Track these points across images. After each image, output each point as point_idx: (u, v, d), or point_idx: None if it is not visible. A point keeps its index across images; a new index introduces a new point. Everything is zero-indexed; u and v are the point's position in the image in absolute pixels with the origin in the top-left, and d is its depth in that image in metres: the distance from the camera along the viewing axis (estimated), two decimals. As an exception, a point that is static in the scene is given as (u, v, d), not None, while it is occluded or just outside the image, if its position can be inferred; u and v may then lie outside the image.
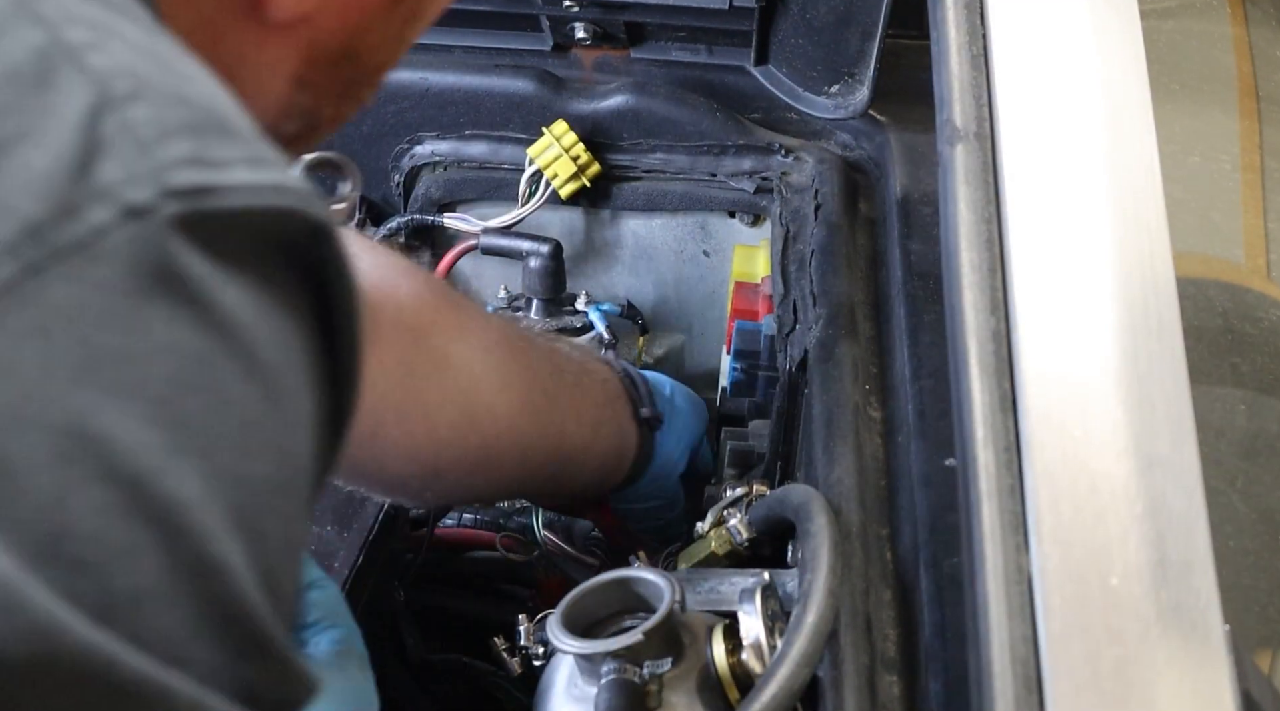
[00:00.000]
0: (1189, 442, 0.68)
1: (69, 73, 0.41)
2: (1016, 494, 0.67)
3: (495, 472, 1.00)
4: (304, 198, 0.44)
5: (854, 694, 0.75)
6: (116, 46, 0.42)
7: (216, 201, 0.41)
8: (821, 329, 1.03)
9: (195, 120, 0.42)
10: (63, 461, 0.37)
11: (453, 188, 1.37)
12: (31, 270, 0.38)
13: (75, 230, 0.38)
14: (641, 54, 1.35)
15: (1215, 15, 1.28)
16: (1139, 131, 0.81)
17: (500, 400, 0.97)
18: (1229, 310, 1.02)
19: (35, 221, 0.38)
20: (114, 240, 0.39)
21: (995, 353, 0.72)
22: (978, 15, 0.87)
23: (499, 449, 0.98)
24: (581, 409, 1.05)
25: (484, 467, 0.99)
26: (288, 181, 0.43)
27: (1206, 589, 0.63)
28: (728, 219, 1.39)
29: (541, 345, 1.07)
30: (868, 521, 0.86)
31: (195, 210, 0.40)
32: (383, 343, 0.90)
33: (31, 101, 0.40)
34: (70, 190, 0.39)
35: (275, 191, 0.42)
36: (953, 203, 0.78)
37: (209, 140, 0.42)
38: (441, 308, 0.98)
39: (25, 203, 0.38)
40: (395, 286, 0.95)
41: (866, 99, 1.24)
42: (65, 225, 0.38)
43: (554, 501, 1.14)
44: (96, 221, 0.39)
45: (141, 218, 0.39)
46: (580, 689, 0.81)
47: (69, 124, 0.40)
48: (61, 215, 0.38)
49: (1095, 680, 0.61)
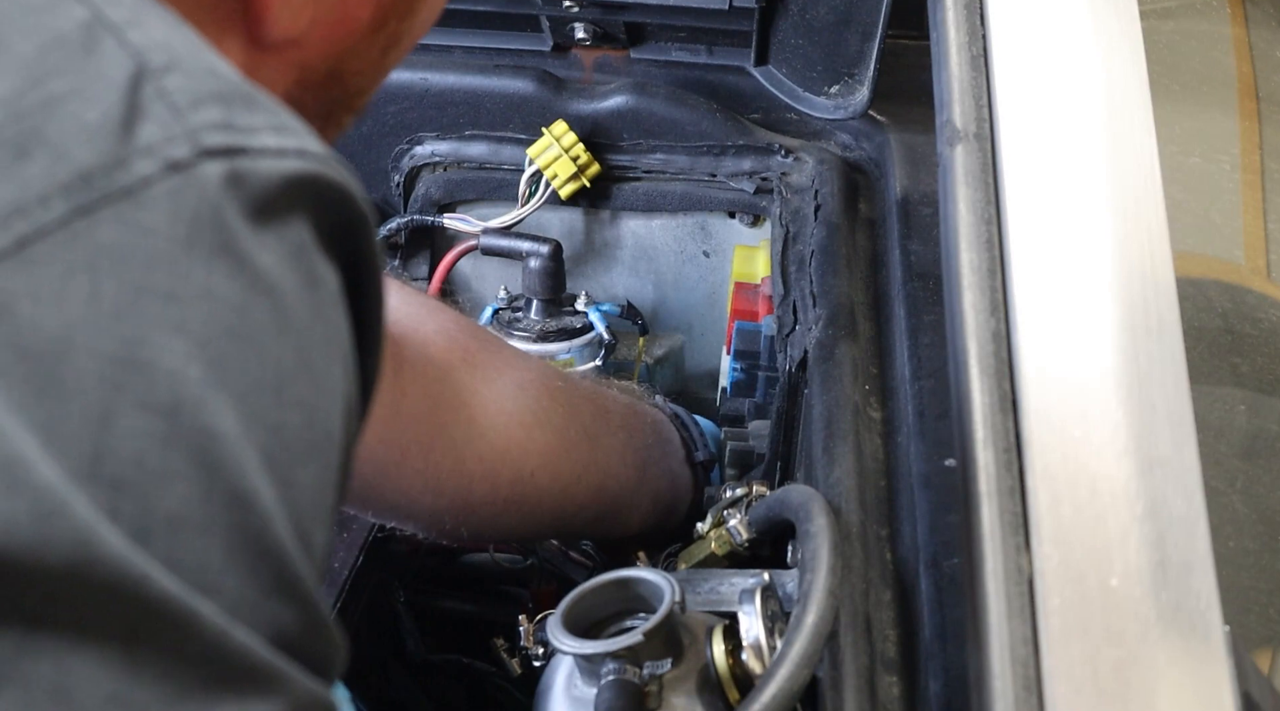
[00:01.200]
0: (1189, 443, 0.68)
1: (111, 44, 0.44)
2: (1016, 494, 0.67)
3: (531, 510, 0.99)
4: (326, 162, 0.47)
5: (854, 694, 0.75)
6: (152, 26, 0.46)
7: (247, 161, 0.44)
8: (821, 329, 1.03)
9: (224, 90, 0.45)
10: (108, 385, 0.40)
11: (453, 188, 1.38)
12: (83, 211, 0.41)
13: (124, 178, 0.42)
14: (641, 54, 1.35)
15: (1215, 15, 1.28)
16: (1139, 131, 0.81)
17: (534, 437, 0.97)
18: (1229, 310, 1.02)
19: (87, 167, 0.41)
20: (159, 190, 0.42)
21: (995, 353, 0.72)
22: (978, 15, 0.87)
23: (534, 486, 0.97)
24: (627, 450, 1.04)
25: (518, 505, 0.98)
26: (310, 146, 0.46)
27: (1206, 589, 0.63)
28: (728, 219, 1.39)
29: (584, 386, 1.07)
30: (868, 521, 0.85)
31: (230, 169, 0.43)
32: (407, 376, 0.90)
33: (79, 65, 0.43)
34: (117, 144, 0.42)
35: (299, 154, 0.45)
36: (953, 203, 0.78)
37: (236, 108, 0.45)
38: (469, 345, 0.98)
39: (78, 150, 0.41)
40: (421, 322, 0.96)
41: (866, 99, 1.25)
42: (115, 173, 0.41)
43: (604, 543, 1.14)
44: (143, 172, 0.42)
45: (183, 171, 0.42)
46: (580, 689, 0.81)
47: (114, 87, 0.43)
48: (112, 164, 0.42)
49: (1095, 680, 0.61)
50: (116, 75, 0.43)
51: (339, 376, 0.48)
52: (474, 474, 0.94)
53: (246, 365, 0.43)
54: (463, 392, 0.94)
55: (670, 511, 1.09)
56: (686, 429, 1.11)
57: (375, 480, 0.92)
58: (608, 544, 1.13)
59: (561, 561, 1.14)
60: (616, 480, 1.03)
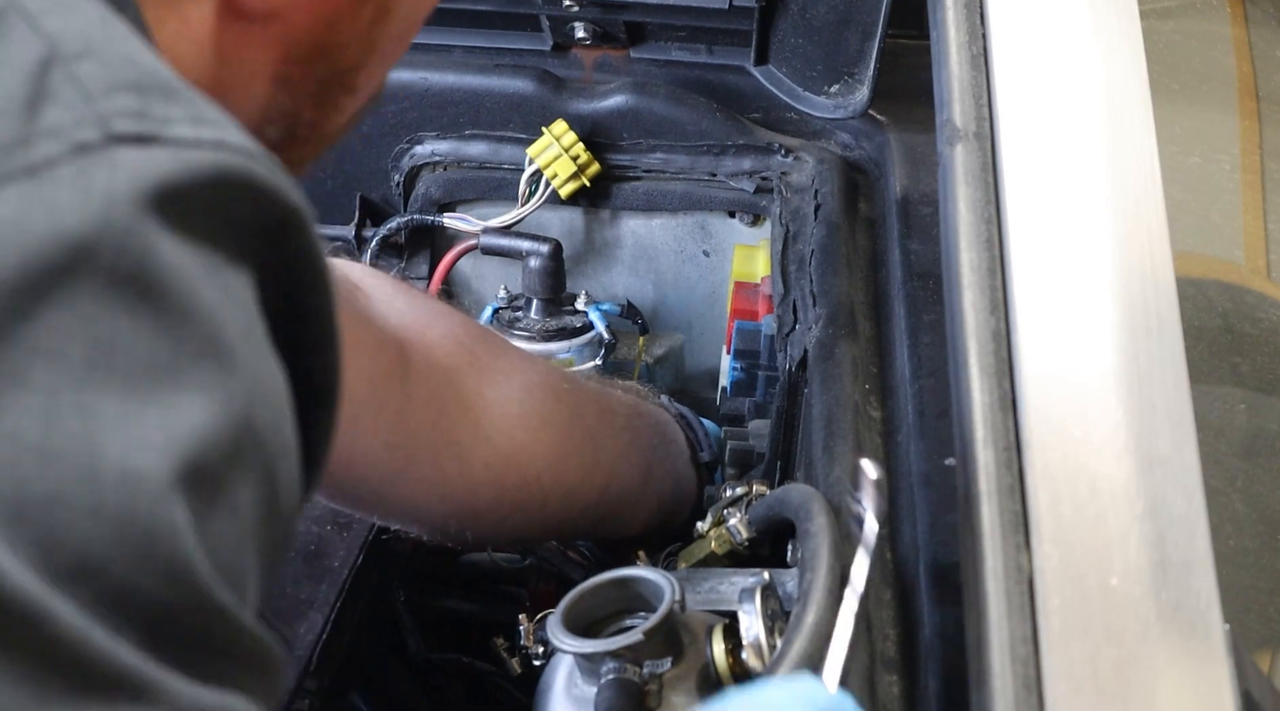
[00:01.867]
0: (1189, 443, 0.68)
1: (23, 29, 0.43)
2: (1016, 494, 0.67)
3: (536, 513, 0.99)
4: (248, 154, 0.44)
5: (854, 693, 0.75)
6: (71, 15, 0.44)
7: (159, 150, 0.42)
8: (821, 329, 1.03)
9: (141, 80, 0.44)
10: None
11: (453, 187, 1.38)
12: None
13: (27, 157, 0.40)
14: (641, 54, 1.35)
15: (1215, 15, 1.28)
16: (1139, 131, 0.81)
17: (540, 440, 0.97)
18: (1229, 310, 1.02)
19: None
20: (63, 171, 0.40)
21: (995, 352, 0.72)
22: (978, 15, 0.87)
23: (540, 490, 0.97)
24: (631, 452, 1.04)
25: (524, 508, 0.98)
26: (231, 138, 0.44)
27: (1206, 589, 0.63)
28: (728, 219, 1.39)
29: (589, 388, 1.06)
30: (868, 521, 0.85)
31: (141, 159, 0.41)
32: (414, 382, 0.90)
33: None
34: (20, 127, 0.41)
35: (216, 146, 0.44)
36: (953, 203, 0.78)
37: (153, 98, 0.43)
38: (476, 349, 0.97)
39: None
40: (427, 326, 0.95)
41: (866, 99, 1.25)
42: (16, 153, 0.40)
43: (608, 543, 1.13)
44: (47, 152, 0.40)
45: (88, 153, 0.41)
46: (580, 688, 0.81)
47: (19, 71, 0.42)
48: (15, 145, 0.40)
49: (1095, 680, 0.61)
50: (23, 60, 0.42)
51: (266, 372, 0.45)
52: (480, 479, 0.94)
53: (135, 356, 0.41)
54: (469, 397, 0.94)
55: (675, 511, 1.09)
56: (692, 429, 1.11)
57: (382, 486, 0.91)
58: (611, 544, 1.13)
59: (560, 560, 1.14)
60: (621, 481, 1.03)
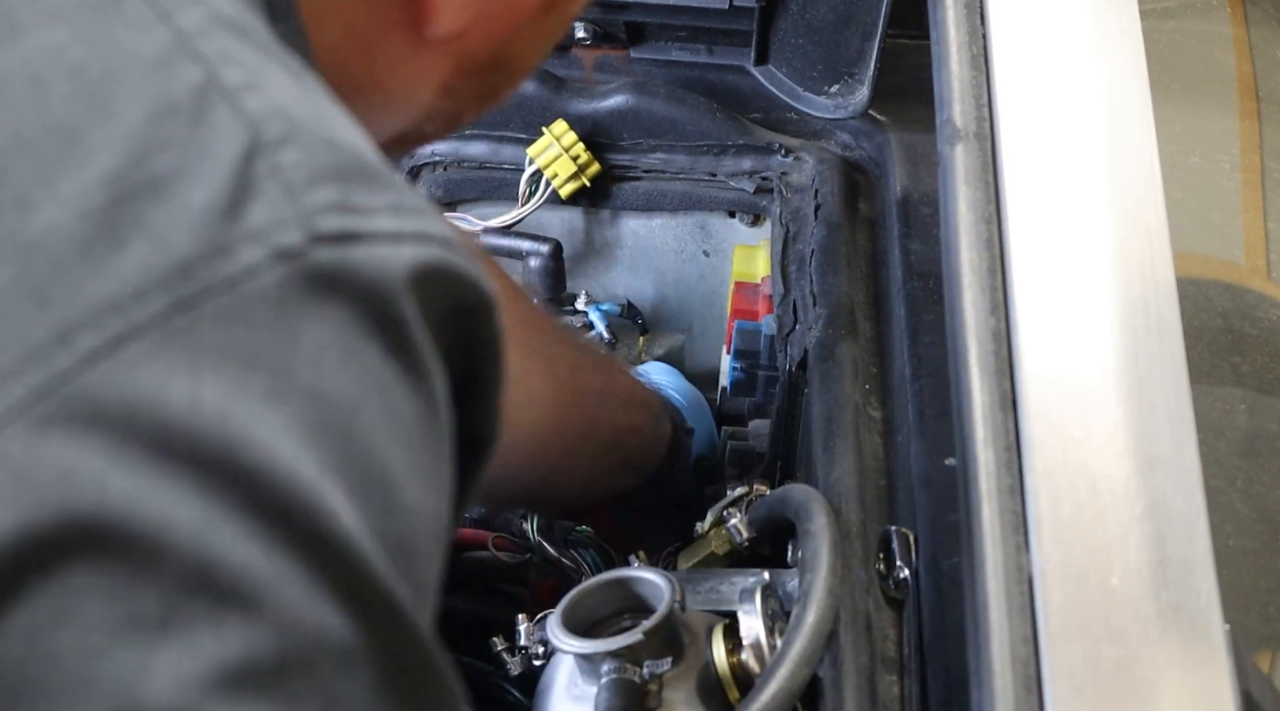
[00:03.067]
0: (1189, 443, 0.68)
1: (225, 112, 0.41)
2: (1016, 494, 0.67)
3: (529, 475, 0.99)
4: (446, 245, 0.43)
5: (854, 693, 0.75)
6: (270, 89, 0.43)
7: (362, 249, 0.41)
8: (821, 329, 1.03)
9: (342, 166, 0.42)
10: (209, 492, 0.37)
11: (453, 187, 1.37)
12: (182, 305, 0.38)
13: (227, 269, 0.39)
14: (641, 54, 1.35)
15: (1215, 15, 1.28)
16: (1139, 131, 0.81)
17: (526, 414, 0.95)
18: (1229, 310, 1.02)
19: (188, 258, 0.38)
20: (265, 280, 0.39)
21: (995, 352, 0.72)
22: (978, 15, 0.87)
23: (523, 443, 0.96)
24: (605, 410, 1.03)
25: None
26: (431, 228, 0.43)
27: (1206, 589, 0.63)
28: (728, 219, 1.39)
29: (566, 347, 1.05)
30: (868, 520, 0.85)
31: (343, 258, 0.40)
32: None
33: (187, 138, 0.40)
34: (222, 230, 0.39)
35: (418, 239, 0.42)
36: (953, 203, 0.78)
37: (354, 186, 0.42)
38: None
39: (179, 239, 0.39)
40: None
41: (866, 99, 1.24)
42: (217, 262, 0.39)
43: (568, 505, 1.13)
44: (248, 261, 0.39)
45: (292, 260, 0.39)
46: (580, 688, 0.81)
47: (224, 164, 0.40)
48: (215, 254, 0.39)
49: (1095, 680, 0.61)
50: (227, 150, 0.40)
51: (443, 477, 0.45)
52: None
53: (355, 467, 0.40)
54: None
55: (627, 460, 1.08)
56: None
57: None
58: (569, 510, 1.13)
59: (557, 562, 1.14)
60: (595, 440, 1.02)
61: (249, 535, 0.38)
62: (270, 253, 0.39)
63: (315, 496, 0.39)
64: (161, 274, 0.38)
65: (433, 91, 0.60)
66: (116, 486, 0.36)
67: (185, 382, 0.37)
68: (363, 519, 0.40)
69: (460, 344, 0.46)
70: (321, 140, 0.42)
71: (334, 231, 0.40)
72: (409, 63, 0.57)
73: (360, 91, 0.57)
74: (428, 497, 0.43)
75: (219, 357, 0.38)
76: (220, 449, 0.37)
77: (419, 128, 0.63)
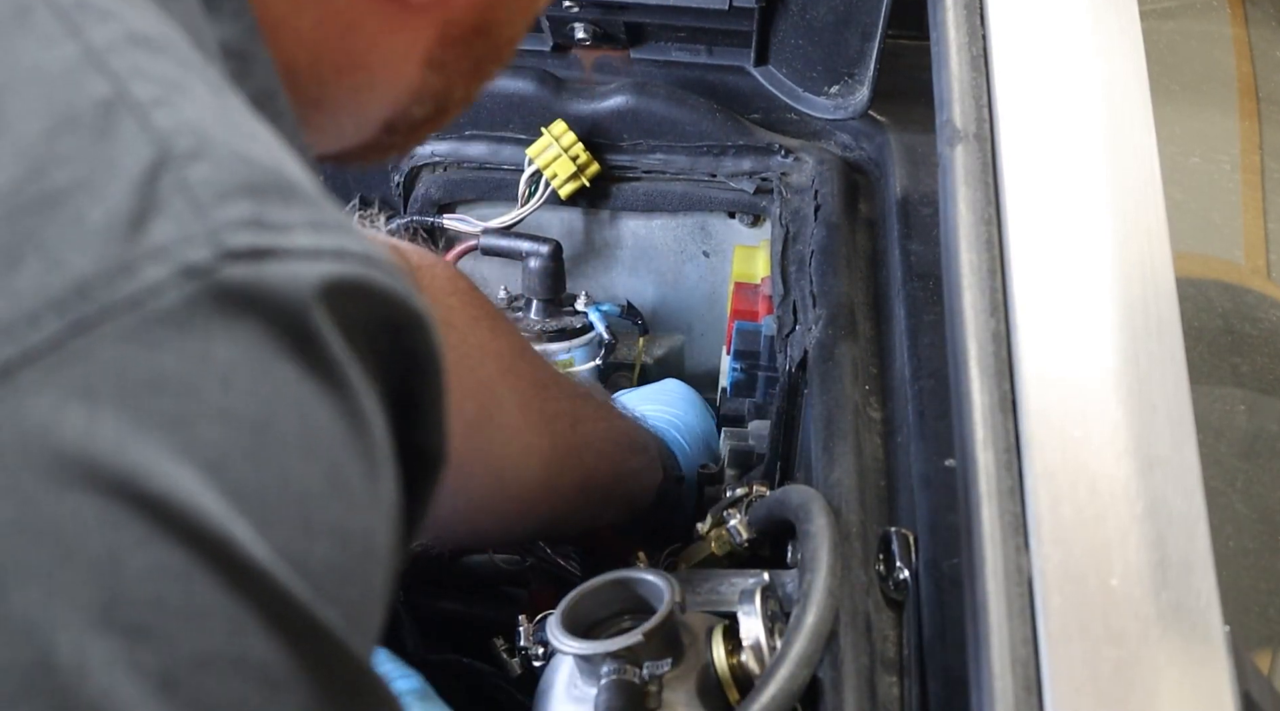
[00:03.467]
0: (1189, 443, 0.68)
1: (132, 127, 0.39)
2: (1016, 495, 0.67)
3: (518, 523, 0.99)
4: (368, 262, 0.41)
5: (853, 694, 0.75)
6: (184, 104, 0.40)
7: (275, 265, 0.39)
8: (821, 329, 1.03)
9: (257, 181, 0.40)
10: (113, 522, 0.35)
11: (452, 188, 1.37)
12: (78, 328, 0.36)
13: (128, 287, 0.37)
14: (641, 54, 1.35)
15: (1215, 15, 1.28)
16: (1139, 132, 0.81)
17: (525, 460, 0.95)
18: (1229, 310, 1.02)
19: (85, 277, 0.36)
20: (170, 299, 0.37)
21: (995, 354, 0.71)
22: (978, 15, 0.87)
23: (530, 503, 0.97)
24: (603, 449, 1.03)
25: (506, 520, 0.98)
26: (350, 246, 0.41)
27: (1206, 589, 0.63)
28: (728, 219, 1.39)
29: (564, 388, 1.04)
30: (868, 521, 0.85)
31: (255, 275, 0.38)
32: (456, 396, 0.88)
33: (89, 152, 0.38)
34: (124, 248, 0.37)
35: (336, 256, 0.40)
36: (953, 203, 0.78)
37: (269, 202, 0.40)
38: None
39: (75, 258, 0.36)
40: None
41: (866, 99, 1.24)
42: (118, 282, 0.37)
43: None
44: (151, 279, 0.37)
45: (200, 277, 0.37)
46: (580, 689, 0.81)
47: (126, 179, 0.38)
48: (115, 272, 0.37)
49: (1095, 681, 0.61)
50: (131, 165, 0.38)
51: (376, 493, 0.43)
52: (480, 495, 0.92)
53: (267, 490, 0.38)
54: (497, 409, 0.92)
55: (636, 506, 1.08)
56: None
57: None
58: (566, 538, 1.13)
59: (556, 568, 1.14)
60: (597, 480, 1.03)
61: (159, 567, 0.36)
62: (175, 270, 0.37)
63: (224, 524, 0.37)
64: (55, 294, 0.36)
65: (417, 66, 0.58)
66: (6, 518, 0.35)
67: (80, 410, 0.35)
68: (278, 543, 0.38)
69: (393, 360, 0.44)
70: (235, 155, 0.40)
71: (245, 247, 0.38)
72: (391, 36, 0.55)
73: (342, 73, 0.56)
74: (354, 516, 0.41)
75: (118, 382, 0.36)
76: (120, 479, 0.36)
77: (408, 112, 0.61)
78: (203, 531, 0.37)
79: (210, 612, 0.37)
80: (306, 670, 0.39)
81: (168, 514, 0.36)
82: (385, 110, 0.62)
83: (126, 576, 0.35)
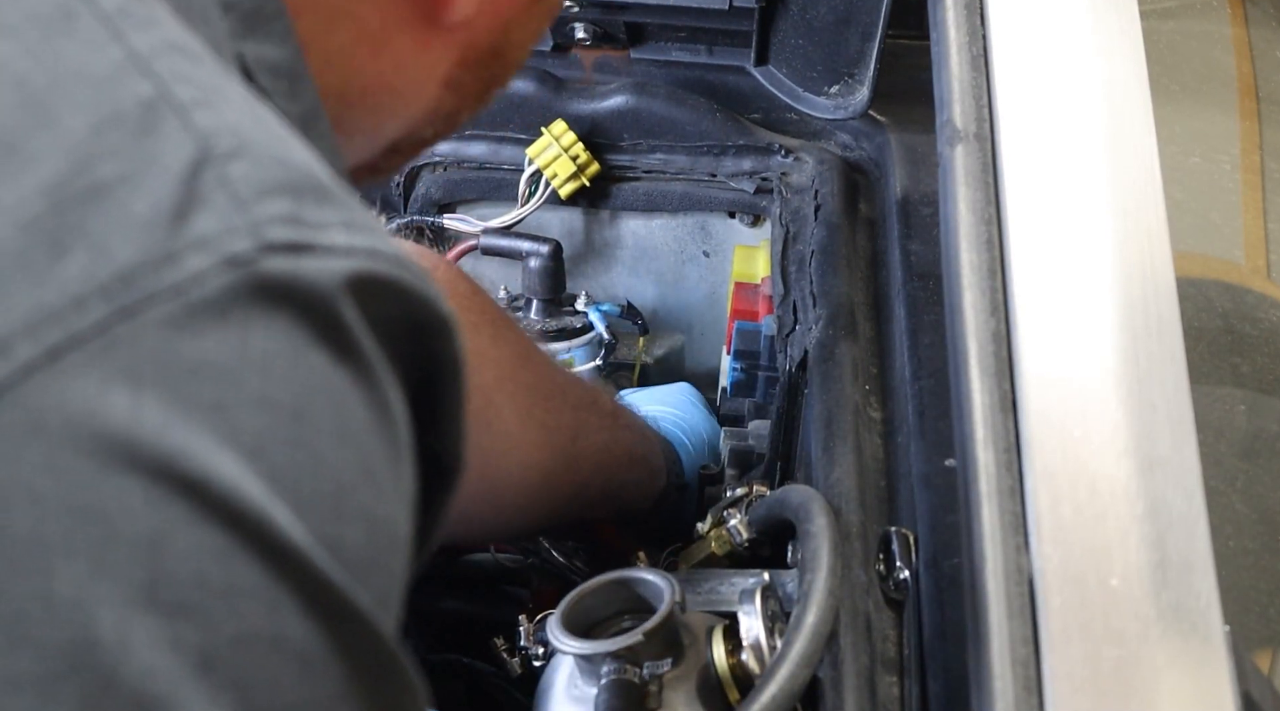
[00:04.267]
0: (1189, 443, 0.68)
1: (174, 125, 0.40)
2: (1016, 495, 0.67)
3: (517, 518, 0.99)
4: (398, 263, 0.43)
5: (853, 694, 0.75)
6: (223, 107, 0.42)
7: (313, 260, 0.40)
8: (821, 329, 1.03)
9: (293, 181, 0.41)
10: (156, 503, 0.36)
11: (452, 188, 1.37)
12: (125, 314, 0.37)
13: (172, 276, 0.38)
14: (641, 54, 1.35)
15: (1215, 15, 1.28)
16: (1139, 132, 0.81)
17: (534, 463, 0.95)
18: (1229, 310, 1.02)
19: (130, 266, 0.37)
20: (212, 287, 0.38)
21: (995, 353, 0.72)
22: (978, 15, 0.87)
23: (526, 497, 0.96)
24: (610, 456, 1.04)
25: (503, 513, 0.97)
26: (382, 246, 0.42)
27: (1206, 589, 0.63)
28: (728, 219, 1.39)
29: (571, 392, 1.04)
30: (868, 521, 0.85)
31: (293, 268, 0.39)
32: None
33: (133, 148, 0.39)
34: (168, 238, 0.38)
35: (369, 254, 0.42)
36: (953, 203, 0.78)
37: (306, 201, 0.41)
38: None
39: (121, 247, 0.38)
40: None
41: (866, 99, 1.25)
42: (163, 271, 0.38)
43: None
44: (195, 268, 0.38)
45: (241, 267, 0.39)
46: (580, 689, 0.81)
47: (170, 174, 0.39)
48: (160, 261, 0.38)
49: (1095, 681, 0.61)
50: (174, 160, 0.39)
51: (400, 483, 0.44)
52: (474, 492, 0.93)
53: (304, 475, 0.39)
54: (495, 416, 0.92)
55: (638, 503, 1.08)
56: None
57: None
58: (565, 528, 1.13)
59: (559, 567, 1.14)
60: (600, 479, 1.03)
61: (201, 547, 0.37)
62: (219, 260, 0.38)
63: (263, 507, 0.38)
64: (102, 282, 0.37)
65: (437, 87, 0.60)
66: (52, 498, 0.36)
67: (125, 393, 0.36)
68: (314, 526, 0.39)
69: (415, 359, 0.45)
70: (273, 157, 0.42)
71: (284, 241, 0.39)
72: (417, 58, 0.57)
73: (367, 93, 0.58)
74: (381, 503, 0.42)
75: (162, 367, 0.37)
76: (163, 462, 0.37)
77: (418, 132, 0.63)
78: (243, 514, 0.38)
79: (250, 593, 0.38)
80: (340, 651, 0.40)
81: (209, 496, 0.37)
82: (399, 131, 0.63)
83: (169, 556, 0.36)
